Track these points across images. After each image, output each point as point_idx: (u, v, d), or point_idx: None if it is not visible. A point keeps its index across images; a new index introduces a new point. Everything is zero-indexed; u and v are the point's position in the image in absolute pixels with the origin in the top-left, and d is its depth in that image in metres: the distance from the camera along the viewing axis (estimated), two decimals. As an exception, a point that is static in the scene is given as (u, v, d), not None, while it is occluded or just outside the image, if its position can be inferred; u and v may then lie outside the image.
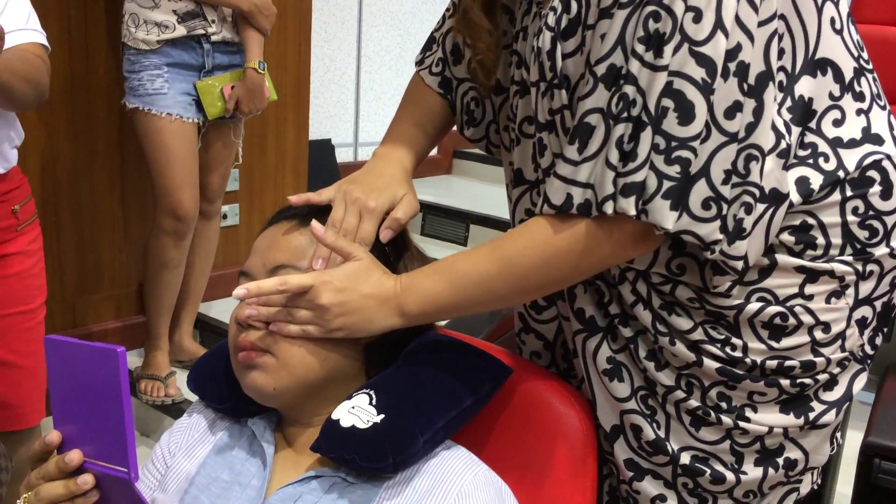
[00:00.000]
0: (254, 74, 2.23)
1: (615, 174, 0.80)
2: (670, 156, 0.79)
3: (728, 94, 0.79)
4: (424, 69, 1.12)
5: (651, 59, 0.78)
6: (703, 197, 0.80)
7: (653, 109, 0.79)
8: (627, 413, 0.94)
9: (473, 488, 0.85)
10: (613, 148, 0.80)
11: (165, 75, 2.16)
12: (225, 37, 2.21)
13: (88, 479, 0.73)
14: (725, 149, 0.80)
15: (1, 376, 1.50)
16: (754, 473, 0.93)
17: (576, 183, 0.83)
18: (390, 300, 0.89)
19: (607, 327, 0.95)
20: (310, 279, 0.87)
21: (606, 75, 0.81)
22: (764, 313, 0.88)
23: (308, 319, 0.88)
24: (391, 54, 3.88)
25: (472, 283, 0.87)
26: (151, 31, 2.13)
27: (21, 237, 1.51)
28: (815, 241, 0.88)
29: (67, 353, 0.73)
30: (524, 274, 0.86)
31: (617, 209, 0.80)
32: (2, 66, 1.28)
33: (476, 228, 3.40)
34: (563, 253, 0.85)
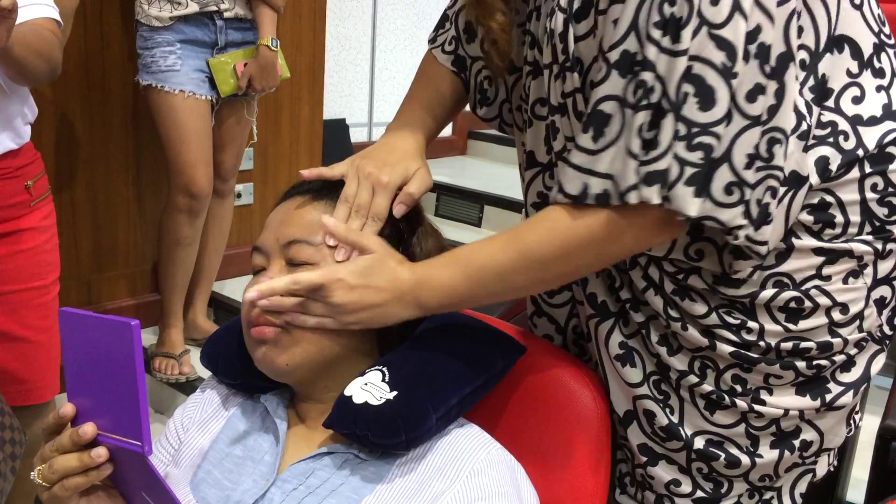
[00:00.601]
0: (266, 52, 2.21)
1: (637, 163, 0.79)
2: (692, 142, 0.77)
3: (749, 76, 0.77)
4: (437, 47, 1.11)
5: (669, 45, 0.77)
6: (725, 182, 0.78)
7: (673, 95, 0.77)
8: (640, 398, 0.93)
9: (486, 466, 0.85)
10: (634, 137, 0.79)
11: (178, 52, 2.15)
12: (238, 13, 2.20)
13: (102, 451, 0.73)
14: (748, 133, 0.78)
15: (15, 351, 1.51)
16: (770, 456, 0.92)
17: (593, 173, 0.81)
18: (406, 294, 0.87)
19: (619, 312, 0.94)
20: (320, 279, 0.85)
21: (620, 62, 0.79)
22: (779, 298, 0.87)
23: (323, 313, 0.87)
24: (406, 34, 3.86)
25: (491, 276, 0.86)
26: (164, 7, 2.12)
27: (34, 213, 1.51)
28: (833, 220, 0.87)
29: (81, 326, 0.73)
30: (543, 265, 0.85)
31: (642, 198, 0.79)
32: (15, 39, 1.27)
33: (490, 209, 3.39)
34: (584, 243, 0.83)
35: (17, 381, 1.52)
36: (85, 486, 0.75)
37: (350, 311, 0.86)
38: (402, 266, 0.88)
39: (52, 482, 0.75)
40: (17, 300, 1.50)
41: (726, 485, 0.94)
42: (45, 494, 0.76)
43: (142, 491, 0.76)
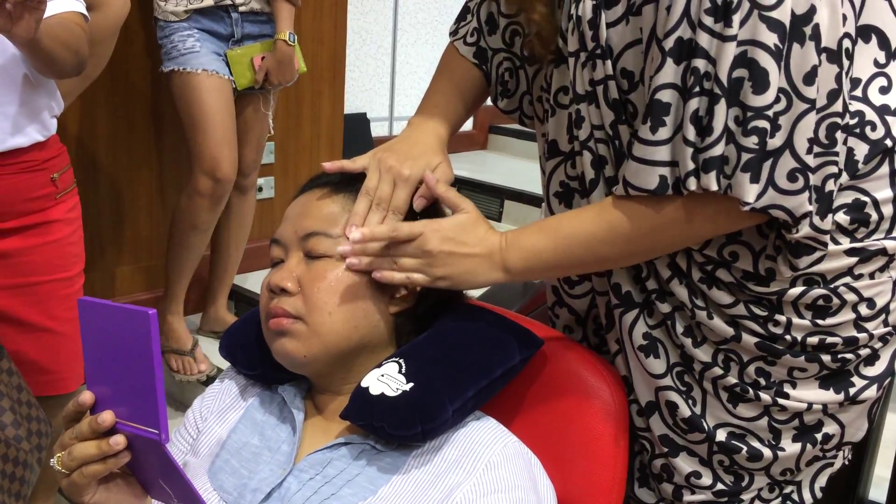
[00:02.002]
0: (283, 46, 2.19)
1: (693, 150, 0.79)
2: (747, 126, 0.77)
3: (805, 59, 0.76)
4: (459, 39, 1.10)
5: (720, 30, 0.76)
6: (788, 169, 0.78)
7: (725, 81, 0.77)
8: (663, 389, 0.93)
9: (503, 459, 0.85)
10: (689, 124, 0.78)
11: (196, 34, 2.14)
12: (254, 7, 2.18)
13: (120, 439, 0.74)
14: (807, 116, 0.78)
15: (40, 342, 1.53)
16: (792, 449, 0.91)
17: (660, 163, 0.81)
18: (495, 254, 0.89)
19: (644, 303, 0.94)
20: (420, 226, 0.88)
21: (675, 49, 0.79)
22: (808, 296, 0.86)
23: (414, 266, 0.88)
24: (427, 28, 3.85)
25: (578, 244, 0.87)
26: (180, 2, 2.13)
27: (60, 205, 1.53)
28: (868, 219, 0.86)
29: (100, 315, 0.74)
30: (629, 240, 0.86)
31: (701, 185, 0.79)
32: (43, 31, 1.29)
33: (510, 204, 3.38)
34: (664, 226, 0.84)
35: (42, 372, 1.54)
36: (103, 473, 0.75)
37: (441, 263, 0.88)
38: (492, 230, 0.91)
39: (71, 469, 0.76)
40: (43, 291, 1.52)
41: (747, 478, 0.93)
42: (64, 481, 0.77)
43: (159, 479, 0.77)
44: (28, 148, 1.45)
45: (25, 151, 1.45)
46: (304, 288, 0.90)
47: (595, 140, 0.91)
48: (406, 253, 0.88)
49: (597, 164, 0.92)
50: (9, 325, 1.48)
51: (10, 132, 1.42)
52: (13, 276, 1.48)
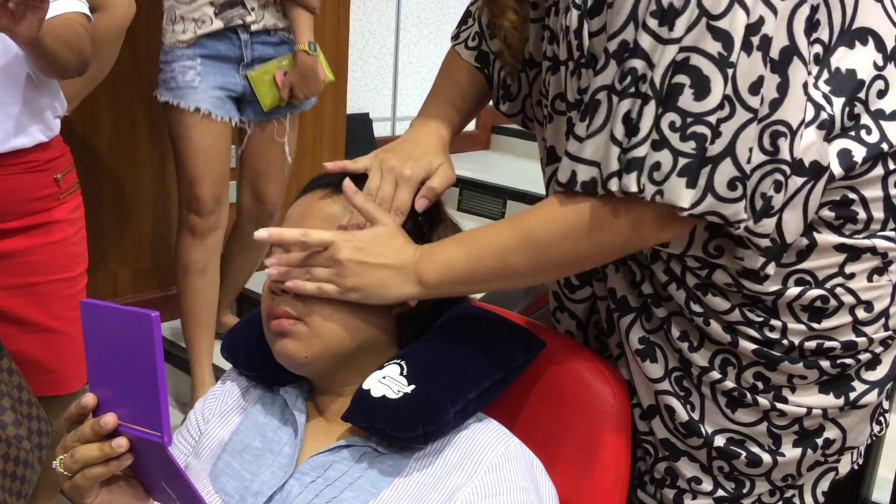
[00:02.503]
0: (305, 57, 2.08)
1: (620, 150, 0.78)
2: (685, 132, 0.76)
3: (752, 69, 0.76)
4: (460, 44, 1.11)
5: (663, 34, 0.76)
6: (728, 177, 0.77)
7: (660, 84, 0.76)
8: (661, 394, 0.93)
9: (504, 461, 0.85)
10: (619, 123, 0.78)
11: (198, 67, 2.05)
12: (267, 24, 2.07)
13: (123, 442, 0.74)
14: (751, 126, 0.77)
15: (43, 342, 1.53)
16: (792, 454, 0.91)
17: (581, 160, 0.81)
18: (408, 266, 0.88)
19: (640, 307, 0.93)
20: (331, 235, 0.88)
21: (618, 51, 0.79)
22: (804, 297, 0.86)
23: (325, 276, 0.87)
24: (430, 28, 3.86)
25: (490, 254, 0.86)
26: (188, 28, 2.02)
27: (63, 205, 1.53)
28: (855, 216, 0.86)
29: (102, 317, 0.74)
30: (540, 248, 0.84)
31: (622, 187, 0.78)
32: (46, 30, 1.29)
33: (513, 204, 3.38)
34: (578, 230, 0.82)
35: (45, 372, 1.55)
36: (105, 475, 0.75)
37: (351, 274, 0.87)
38: (409, 243, 0.90)
39: (73, 471, 0.76)
40: (46, 291, 1.52)
41: (748, 484, 0.93)
42: (66, 483, 0.77)
43: (161, 481, 0.77)
44: (31, 148, 1.45)
45: (29, 152, 1.45)
46: None
47: None
48: (318, 262, 0.88)
49: None
50: (11, 325, 1.48)
51: (13, 132, 1.42)
52: (16, 275, 1.48)
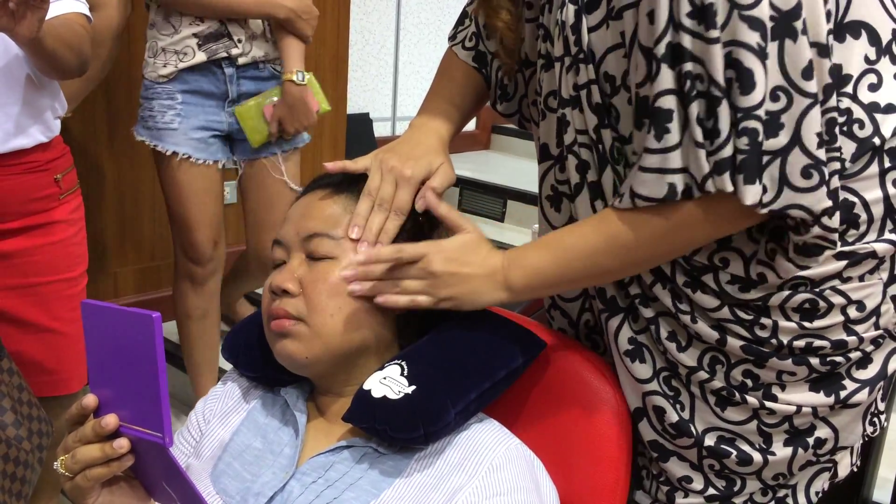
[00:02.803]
0: (292, 87, 1.91)
1: (705, 152, 0.78)
2: (738, 127, 0.77)
3: (800, 53, 0.76)
4: (457, 44, 1.11)
5: (703, 32, 0.76)
6: (801, 165, 0.77)
7: (722, 82, 0.76)
8: (649, 395, 0.93)
9: (505, 461, 0.85)
10: (695, 126, 0.78)
11: (178, 107, 1.90)
12: (255, 56, 1.92)
13: (124, 443, 0.74)
14: (812, 111, 0.77)
15: (43, 342, 1.53)
16: (783, 453, 0.91)
17: (670, 171, 0.80)
18: (497, 273, 0.89)
19: (628, 308, 0.93)
20: (424, 248, 0.89)
21: (667, 55, 0.78)
22: (794, 300, 0.86)
23: (417, 288, 0.88)
24: (430, 28, 3.86)
25: (578, 257, 0.87)
26: (170, 61, 1.88)
27: (63, 206, 1.53)
28: (858, 220, 0.86)
29: (103, 318, 0.74)
30: (629, 250, 0.85)
31: (717, 187, 0.78)
32: (46, 30, 1.30)
33: (513, 204, 3.38)
34: (670, 231, 0.83)
35: (45, 372, 1.55)
36: (107, 476, 0.76)
37: (445, 285, 0.88)
38: (494, 250, 0.91)
39: (74, 472, 0.76)
40: (46, 291, 1.52)
41: (739, 482, 0.93)
42: (67, 484, 0.77)
43: (163, 482, 0.77)
44: (31, 149, 1.45)
45: (29, 152, 1.45)
46: (306, 289, 0.90)
47: (579, 145, 0.91)
48: (409, 275, 0.88)
49: (581, 169, 0.92)
50: (12, 326, 1.48)
51: (13, 133, 1.42)
52: (16, 276, 1.48)
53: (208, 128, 1.93)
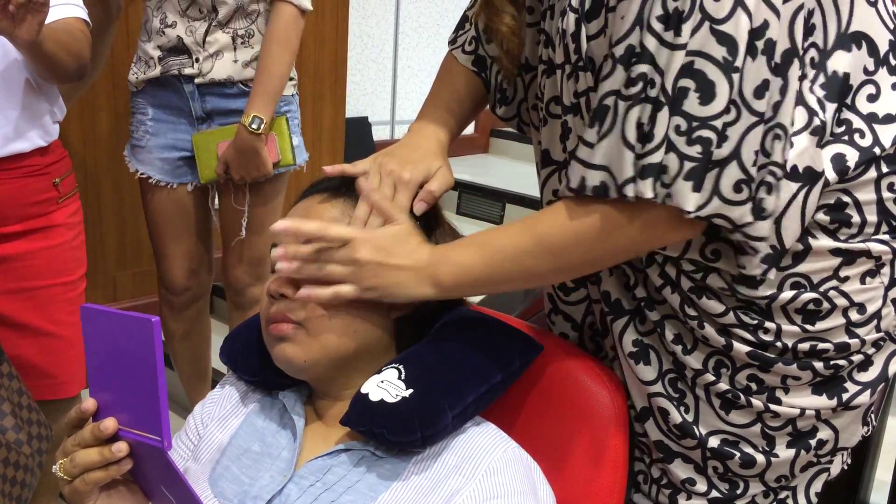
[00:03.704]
0: (243, 133, 1.69)
1: (634, 156, 0.79)
2: (691, 136, 0.77)
3: (757, 73, 0.77)
4: (457, 48, 1.11)
5: (670, 38, 0.76)
6: (734, 180, 0.78)
7: (671, 89, 0.77)
8: (654, 396, 0.93)
9: (502, 465, 0.85)
10: (631, 129, 0.78)
11: (149, 123, 1.81)
12: (215, 77, 1.74)
13: (123, 446, 0.75)
14: (756, 129, 0.78)
15: (42, 346, 1.54)
16: (786, 455, 0.91)
17: (592, 165, 0.81)
18: (425, 268, 0.88)
19: (633, 310, 0.94)
20: (351, 233, 0.88)
21: (624, 56, 0.79)
22: (798, 300, 0.86)
23: (342, 275, 0.87)
24: (429, 32, 3.86)
25: (506, 258, 0.87)
26: (138, 69, 1.79)
27: (62, 210, 1.54)
28: (849, 220, 0.86)
29: (103, 322, 0.74)
30: (557, 252, 0.85)
31: (637, 192, 0.79)
32: (46, 34, 1.30)
33: (512, 207, 3.39)
34: (591, 234, 0.83)
35: (43, 376, 1.55)
36: (105, 480, 0.76)
37: (370, 274, 0.87)
38: (424, 243, 0.91)
39: (73, 476, 0.76)
40: (45, 295, 1.52)
41: (742, 485, 0.93)
42: (66, 488, 0.78)
43: (161, 485, 0.78)
44: (30, 153, 1.46)
45: (27, 156, 1.45)
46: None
47: None
48: (334, 258, 0.88)
49: None
50: (10, 329, 1.49)
51: (12, 136, 1.42)
52: (15, 280, 1.49)
53: (177, 147, 1.81)
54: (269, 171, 1.77)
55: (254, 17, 1.75)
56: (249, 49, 1.76)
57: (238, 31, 1.74)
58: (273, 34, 1.71)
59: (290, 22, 1.71)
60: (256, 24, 1.76)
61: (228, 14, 1.72)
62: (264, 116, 1.70)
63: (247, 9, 1.73)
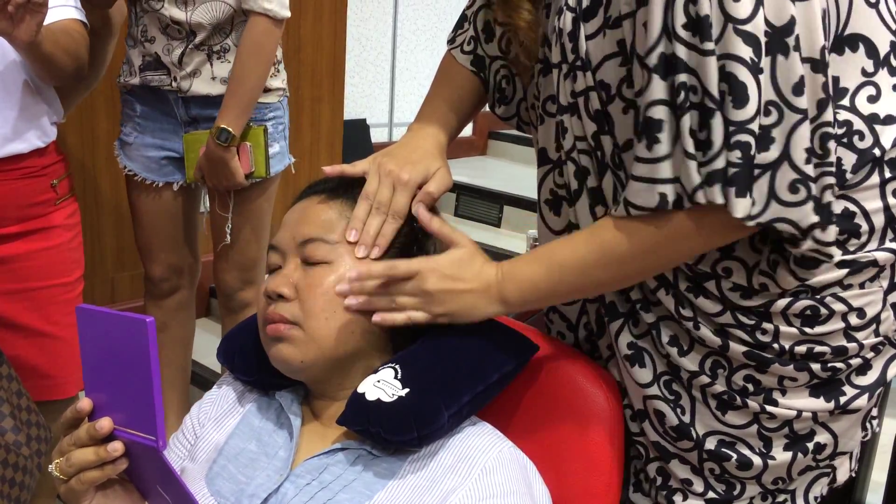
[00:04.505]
0: (212, 144, 1.70)
1: (697, 164, 0.78)
2: (730, 140, 0.77)
3: (792, 69, 0.77)
4: (456, 48, 1.11)
5: (699, 44, 0.76)
6: (789, 180, 0.78)
7: (716, 93, 0.76)
8: (650, 398, 0.93)
9: (498, 464, 0.85)
10: (688, 137, 0.78)
11: (137, 120, 1.83)
12: (197, 92, 1.76)
13: (118, 446, 0.75)
14: (801, 127, 0.77)
15: (40, 347, 1.54)
16: (783, 457, 0.91)
17: (660, 181, 0.80)
18: (492, 287, 0.89)
19: (628, 313, 0.94)
20: (417, 265, 0.89)
21: (660, 65, 0.79)
22: (795, 307, 0.87)
23: (413, 305, 0.89)
24: (427, 34, 3.87)
25: (572, 270, 0.87)
26: (124, 70, 1.82)
27: (60, 211, 1.54)
28: (858, 230, 0.86)
29: (98, 323, 0.74)
30: (622, 262, 0.85)
31: (707, 198, 0.78)
32: (45, 35, 1.31)
33: (510, 209, 3.39)
34: (656, 242, 0.83)
35: (41, 377, 1.55)
36: (101, 479, 0.76)
37: (439, 302, 0.89)
38: (488, 262, 0.92)
39: (69, 475, 0.76)
40: (42, 296, 1.53)
41: (738, 486, 0.93)
42: (62, 487, 0.78)
43: (157, 485, 0.78)
44: (28, 154, 1.46)
45: (25, 157, 1.46)
46: (301, 294, 0.90)
47: (578, 151, 0.92)
48: (404, 291, 0.89)
49: (580, 175, 0.92)
50: (8, 330, 1.49)
51: (9, 137, 1.43)
52: (13, 281, 1.49)
53: (163, 148, 1.83)
54: (241, 181, 1.77)
55: (228, 31, 1.76)
56: (226, 64, 1.76)
57: (213, 46, 1.75)
58: (246, 46, 1.71)
59: (264, 33, 1.71)
60: (231, 39, 1.76)
61: (205, 36, 1.74)
62: (233, 129, 1.70)
63: (222, 26, 1.74)
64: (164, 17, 1.71)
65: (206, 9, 1.70)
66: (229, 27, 1.75)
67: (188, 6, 1.70)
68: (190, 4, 1.69)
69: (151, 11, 1.72)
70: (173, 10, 1.70)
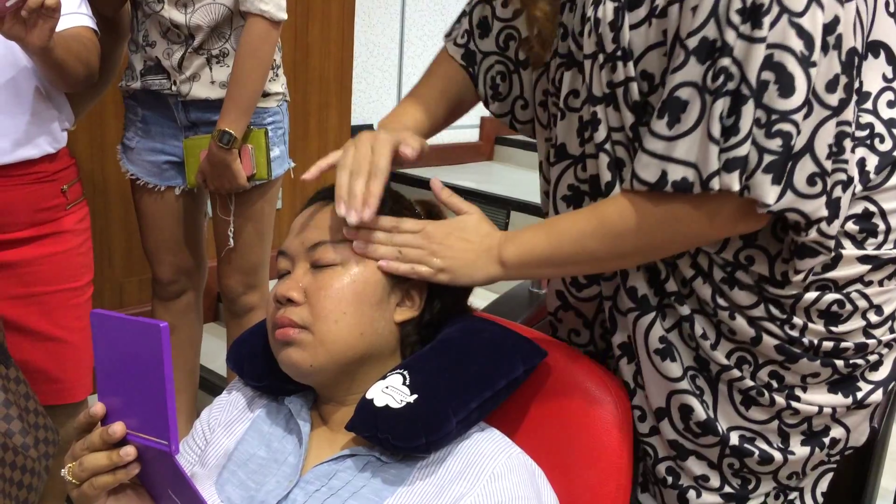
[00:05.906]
0: (213, 147, 1.71)
1: (719, 149, 0.79)
2: (771, 129, 0.78)
3: (829, 67, 0.78)
4: (450, 40, 1.13)
5: (748, 31, 0.77)
6: (808, 173, 0.79)
7: (753, 82, 0.77)
8: (678, 393, 0.93)
9: (506, 471, 0.85)
10: (716, 122, 0.79)
11: (139, 124, 1.85)
12: (197, 96, 1.77)
13: (131, 450, 0.75)
14: (828, 123, 0.79)
15: (49, 351, 1.55)
16: (801, 452, 0.93)
17: (671, 160, 0.81)
18: (492, 248, 0.93)
19: (659, 306, 0.94)
20: (423, 222, 0.93)
21: (699, 48, 0.79)
22: (821, 301, 0.88)
23: (416, 257, 0.92)
24: (434, 40, 3.87)
25: (569, 239, 0.89)
26: (126, 74, 1.83)
27: (69, 216, 1.55)
28: (876, 229, 0.88)
29: (112, 328, 0.75)
30: (620, 237, 0.87)
31: (723, 185, 0.79)
32: (56, 41, 1.32)
33: (517, 215, 3.39)
34: (660, 225, 0.85)
35: (50, 381, 1.56)
36: (113, 484, 0.76)
37: (443, 254, 0.92)
38: (493, 228, 0.95)
39: (81, 480, 0.77)
40: (52, 301, 1.53)
41: (754, 482, 0.94)
42: (74, 492, 0.78)
43: (169, 490, 0.78)
44: (38, 159, 1.47)
45: (36, 162, 1.47)
46: (311, 297, 0.91)
47: (613, 142, 0.91)
48: (409, 243, 0.92)
49: (614, 167, 0.92)
50: (17, 334, 1.50)
51: (21, 143, 1.44)
52: (22, 285, 1.50)
53: (165, 151, 1.84)
54: (243, 184, 1.78)
55: (227, 35, 1.76)
56: (225, 68, 1.77)
57: (212, 51, 1.76)
58: (244, 48, 1.71)
59: (262, 36, 1.71)
60: (230, 43, 1.77)
61: (203, 38, 1.74)
62: (235, 131, 1.71)
63: (220, 29, 1.75)
64: (165, 19, 1.72)
65: (204, 11, 1.72)
66: (228, 31, 1.76)
67: (187, 8, 1.72)
68: (189, 6, 1.71)
69: (153, 14, 1.74)
70: (173, 12, 1.72)
